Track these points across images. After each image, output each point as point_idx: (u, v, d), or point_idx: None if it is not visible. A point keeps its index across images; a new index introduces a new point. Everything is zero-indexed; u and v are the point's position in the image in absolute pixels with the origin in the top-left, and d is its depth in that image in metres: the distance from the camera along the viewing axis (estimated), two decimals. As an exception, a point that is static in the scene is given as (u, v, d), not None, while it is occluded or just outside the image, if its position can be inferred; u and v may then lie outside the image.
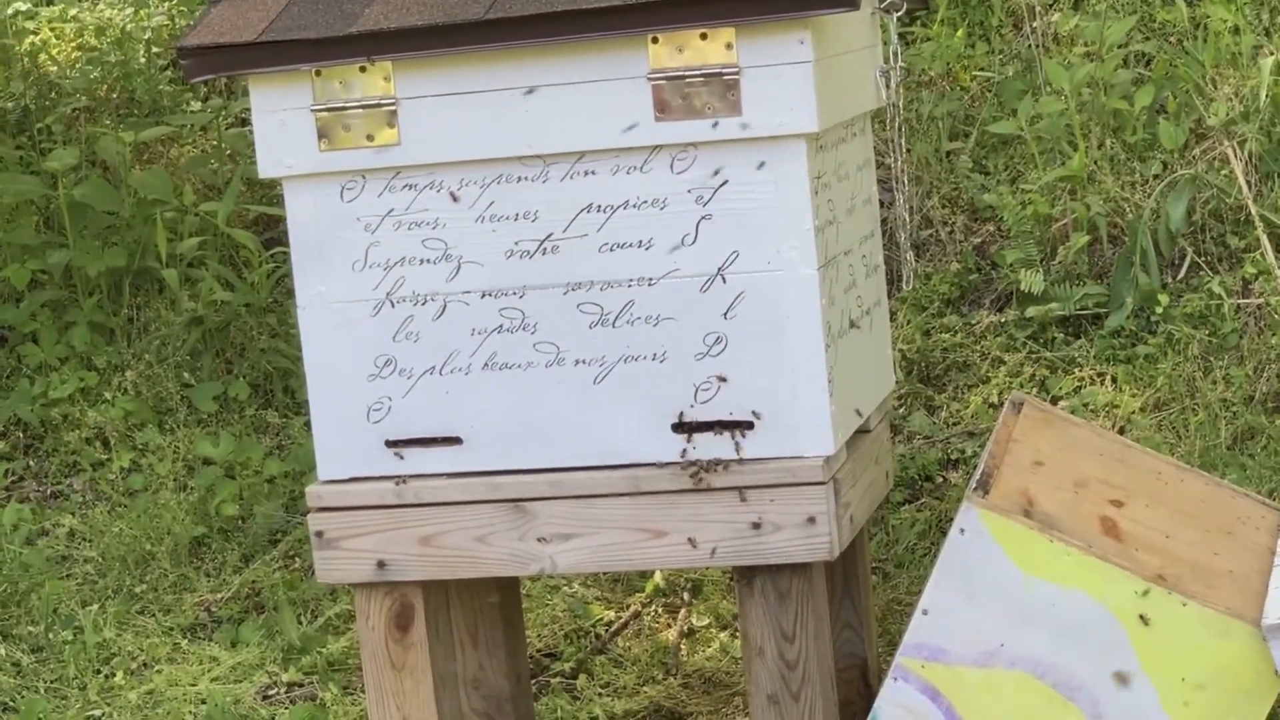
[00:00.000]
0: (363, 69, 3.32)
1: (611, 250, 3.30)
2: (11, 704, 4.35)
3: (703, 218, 3.26)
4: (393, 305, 3.38)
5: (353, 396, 3.41)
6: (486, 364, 3.36)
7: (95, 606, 4.61)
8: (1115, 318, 4.71)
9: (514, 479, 3.36)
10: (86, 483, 5.10)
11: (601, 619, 4.40)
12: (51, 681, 4.44)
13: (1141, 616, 3.10)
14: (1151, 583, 3.10)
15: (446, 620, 3.54)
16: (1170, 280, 4.79)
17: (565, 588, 4.46)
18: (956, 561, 3.15)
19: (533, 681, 4.11)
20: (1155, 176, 4.92)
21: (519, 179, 3.31)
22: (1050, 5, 5.46)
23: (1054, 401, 4.62)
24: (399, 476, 3.41)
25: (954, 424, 4.72)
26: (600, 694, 4.18)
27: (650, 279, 3.29)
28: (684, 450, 3.30)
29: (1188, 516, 3.39)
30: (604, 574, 4.47)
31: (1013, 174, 5.12)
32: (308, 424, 4.85)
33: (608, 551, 3.34)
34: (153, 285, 5.50)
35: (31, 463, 5.19)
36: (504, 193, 3.32)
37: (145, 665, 4.46)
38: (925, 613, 3.17)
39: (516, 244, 3.33)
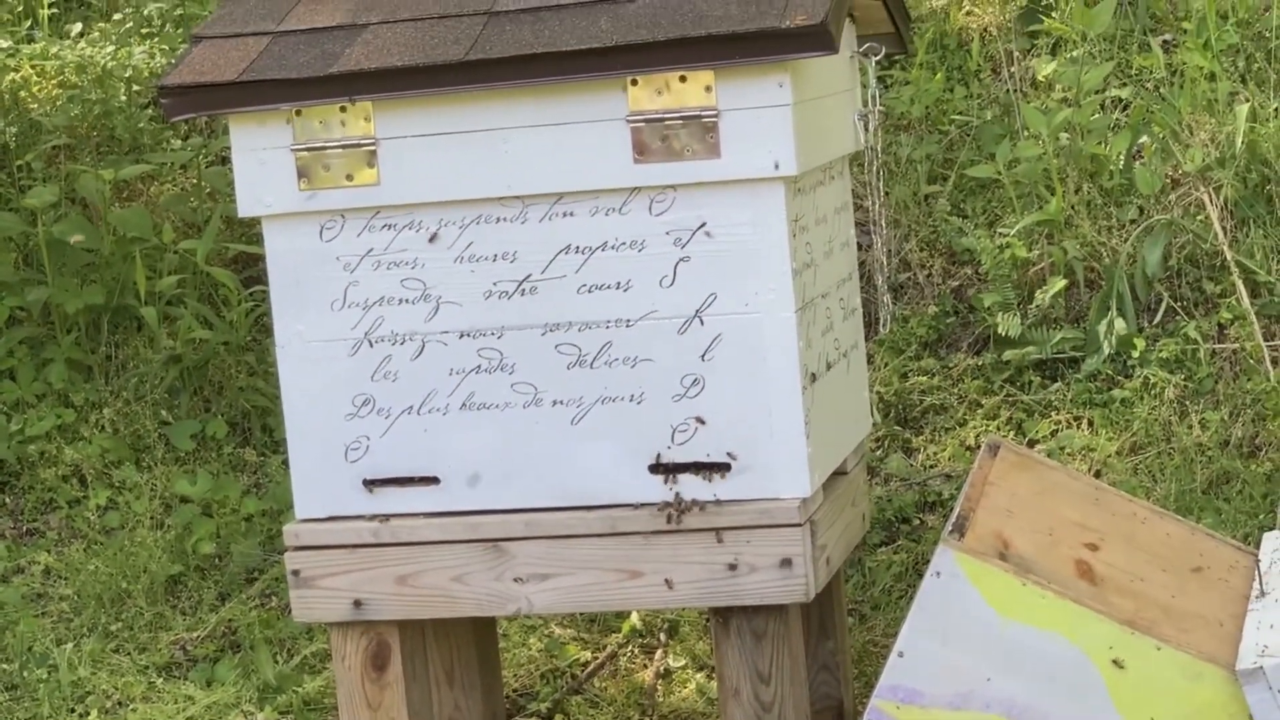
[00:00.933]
0: (343, 109, 3.33)
1: (590, 291, 3.31)
2: (-15, 742, 4.34)
3: (681, 259, 3.27)
4: (371, 345, 3.38)
5: (331, 435, 3.41)
6: (465, 404, 3.36)
7: (70, 645, 4.59)
8: (1091, 362, 4.73)
9: (491, 519, 3.36)
10: (62, 520, 5.08)
11: (578, 659, 4.40)
12: None
13: (1115, 660, 3.11)
14: (1125, 626, 3.11)
15: (423, 660, 3.53)
16: (1146, 325, 4.80)
17: (542, 628, 4.46)
18: (932, 604, 3.15)
19: (508, 722, 4.11)
20: (1132, 221, 4.94)
21: (498, 220, 3.32)
22: (1028, 50, 5.49)
23: (1030, 445, 4.63)
24: (376, 515, 3.41)
25: (931, 466, 4.73)
26: (576, 735, 4.18)
27: (628, 320, 3.30)
28: (661, 491, 3.30)
29: (1163, 560, 3.40)
30: (580, 614, 4.47)
31: (990, 218, 5.14)
32: (285, 462, 4.84)
33: (584, 592, 3.34)
34: (131, 323, 5.49)
35: (7, 500, 5.18)
36: (483, 233, 3.33)
37: (120, 704, 4.45)
38: (901, 655, 3.17)
39: (495, 284, 3.34)
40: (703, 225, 3.25)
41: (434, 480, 3.39)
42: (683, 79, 3.20)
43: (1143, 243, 4.85)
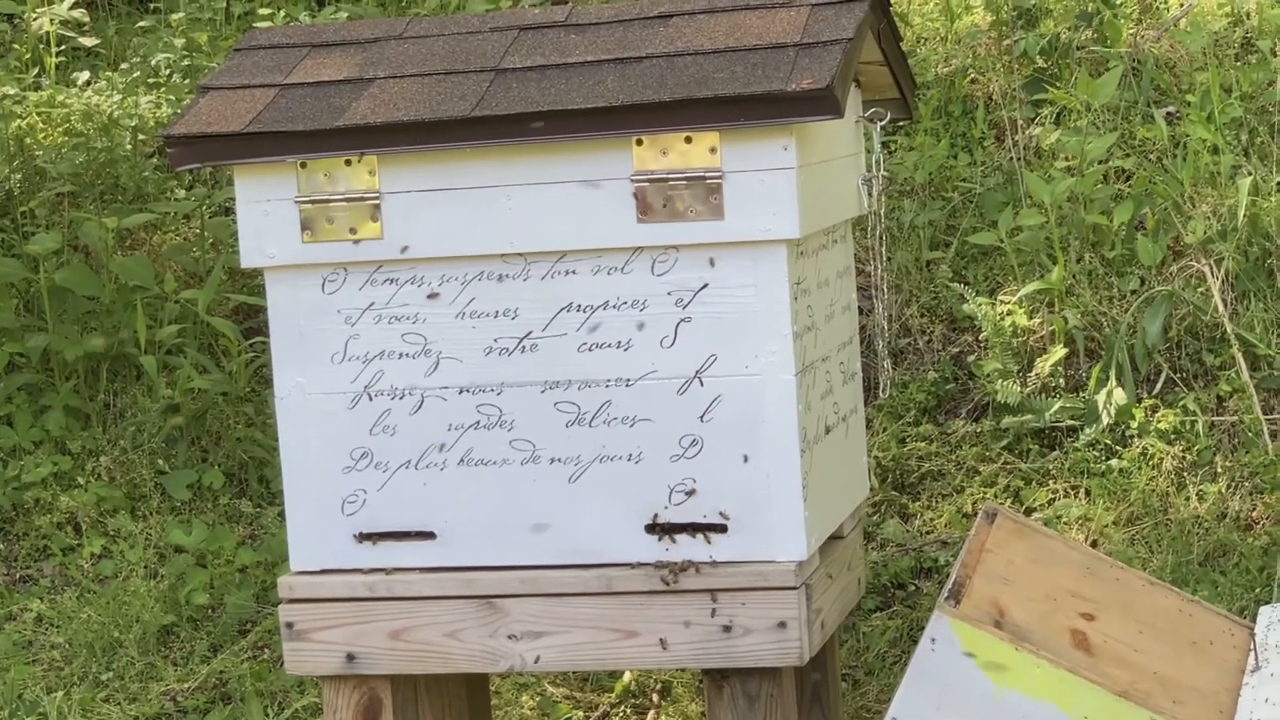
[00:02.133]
0: (348, 162, 3.33)
1: (590, 350, 3.31)
2: (-27, 789, 4.32)
3: (682, 320, 3.27)
4: (370, 398, 3.38)
5: (328, 488, 3.40)
6: (463, 460, 3.36)
7: (60, 693, 4.58)
8: (1090, 431, 4.72)
9: (486, 575, 3.36)
10: (56, 568, 5.07)
11: (570, 718, 4.38)
12: (14, 767, 4.41)
13: (1110, 731, 3.10)
14: (1120, 697, 3.10)
15: (415, 715, 3.52)
16: (1145, 395, 4.80)
17: (535, 685, 4.44)
18: (926, 670, 3.14)
19: (499, 780, 4.09)
20: (1133, 292, 4.94)
21: (500, 276, 3.33)
22: (1032, 119, 5.50)
23: (1027, 513, 4.62)
24: (371, 569, 3.40)
25: (927, 533, 4.73)
26: (566, 794, 4.16)
27: (628, 380, 3.30)
28: (657, 551, 3.30)
29: (1158, 632, 3.39)
30: (574, 673, 4.45)
31: (992, 285, 5.14)
32: (281, 514, 4.83)
33: (578, 650, 3.33)
34: (130, 371, 5.49)
35: (1, 546, 5.17)
36: (485, 290, 3.33)
37: (109, 753, 4.43)
38: (894, 721, 3.16)
39: (496, 341, 3.34)
40: (705, 286, 3.25)
41: (430, 535, 3.38)
42: (688, 140, 3.21)
43: (1143, 313, 4.86)
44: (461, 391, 3.35)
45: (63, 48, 6.73)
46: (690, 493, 3.28)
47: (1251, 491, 4.57)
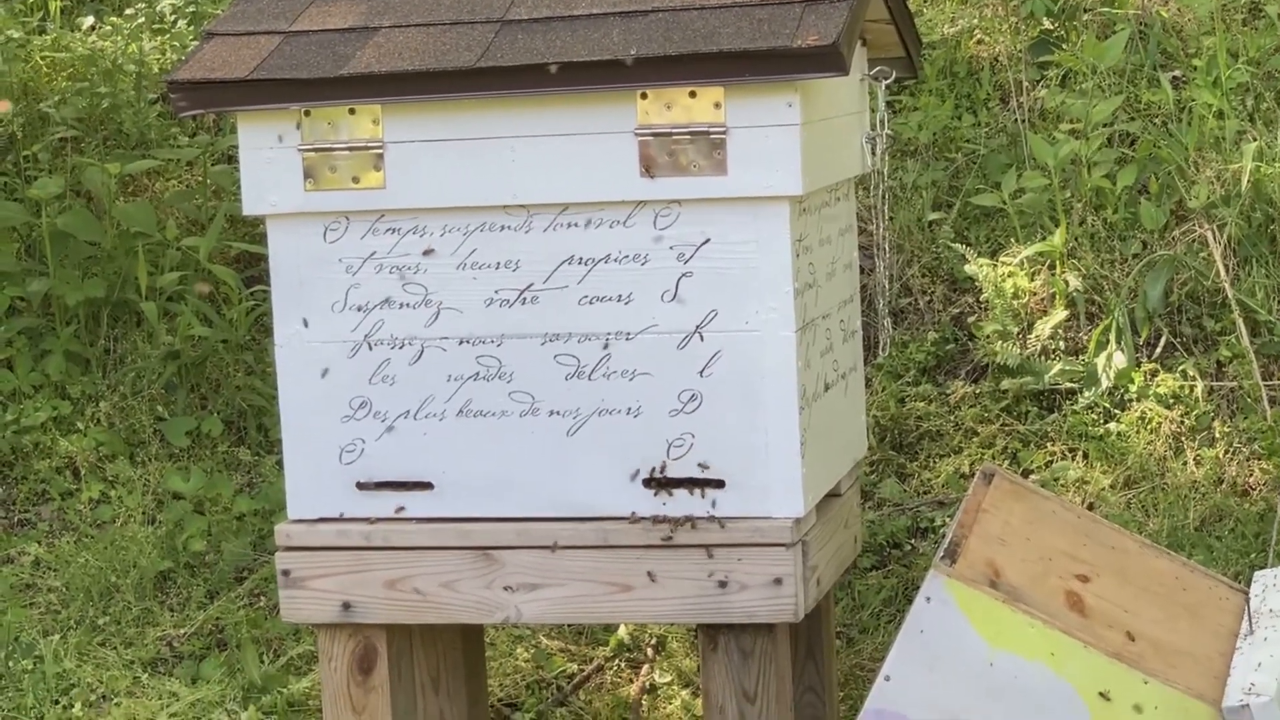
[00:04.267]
0: (352, 111, 3.33)
1: (591, 303, 3.30)
2: (-32, 730, 4.33)
3: (683, 275, 3.27)
4: (370, 348, 3.38)
5: (326, 437, 3.41)
6: (461, 411, 3.36)
7: (57, 636, 4.59)
8: (1089, 394, 4.73)
9: (483, 526, 3.36)
10: (54, 512, 5.08)
11: (564, 671, 4.40)
12: (9, 710, 4.42)
13: (1102, 693, 3.10)
14: (1113, 659, 3.11)
15: (409, 665, 3.53)
16: (1145, 359, 4.81)
17: (529, 638, 4.45)
18: (921, 629, 3.15)
19: (492, 731, 4.10)
20: (1135, 255, 4.94)
21: (502, 228, 3.32)
22: (1037, 81, 5.49)
23: (1025, 474, 4.63)
24: (368, 519, 3.41)
25: (924, 492, 4.73)
26: (559, 746, 4.17)
27: (628, 333, 3.30)
28: (654, 506, 3.30)
29: (1153, 595, 3.39)
30: (569, 626, 4.46)
31: (993, 246, 5.14)
32: (279, 462, 4.84)
33: (573, 603, 3.34)
34: (131, 317, 5.50)
35: (0, 490, 5.18)
36: (486, 241, 3.33)
37: (104, 698, 4.44)
38: (887, 679, 3.17)
39: (496, 292, 3.34)
40: (706, 241, 3.25)
41: (427, 485, 3.38)
42: (692, 94, 3.21)
43: (1145, 277, 4.86)
44: (461, 342, 3.35)
45: (68, -8, 6.71)
46: (689, 448, 3.28)
47: (1249, 457, 4.58)
